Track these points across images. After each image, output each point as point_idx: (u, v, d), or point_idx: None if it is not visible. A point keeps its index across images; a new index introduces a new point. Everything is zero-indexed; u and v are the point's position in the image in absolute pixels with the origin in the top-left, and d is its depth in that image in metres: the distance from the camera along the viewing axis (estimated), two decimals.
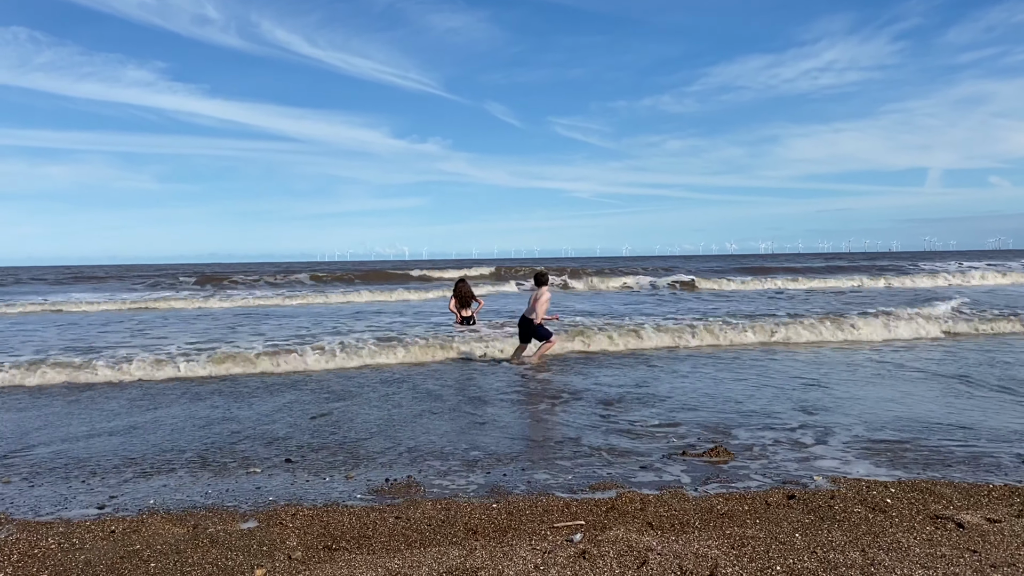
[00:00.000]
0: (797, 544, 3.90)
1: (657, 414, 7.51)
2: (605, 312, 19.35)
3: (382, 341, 12.89)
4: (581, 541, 4.02)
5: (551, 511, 4.57)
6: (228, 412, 8.00)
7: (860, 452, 5.87)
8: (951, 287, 31.92)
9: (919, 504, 4.55)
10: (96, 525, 4.47)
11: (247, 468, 5.73)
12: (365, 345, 12.39)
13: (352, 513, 4.61)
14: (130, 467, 5.83)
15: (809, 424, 6.91)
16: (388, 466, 5.73)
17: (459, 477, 5.41)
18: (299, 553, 3.99)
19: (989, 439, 6.22)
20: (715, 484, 5.07)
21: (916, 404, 7.76)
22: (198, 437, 6.84)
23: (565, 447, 6.21)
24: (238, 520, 4.54)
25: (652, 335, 13.69)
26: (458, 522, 4.43)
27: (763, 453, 5.89)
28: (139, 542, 4.19)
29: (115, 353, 11.96)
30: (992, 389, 8.56)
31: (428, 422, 7.30)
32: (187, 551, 4.03)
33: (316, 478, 5.45)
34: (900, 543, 3.90)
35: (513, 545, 4.00)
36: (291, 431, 7.02)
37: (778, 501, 4.66)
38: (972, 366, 10.38)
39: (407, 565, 3.76)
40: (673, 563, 3.67)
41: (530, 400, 8.42)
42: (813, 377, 9.63)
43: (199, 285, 40.24)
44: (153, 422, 7.54)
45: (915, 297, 23.72)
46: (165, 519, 4.57)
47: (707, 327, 14.20)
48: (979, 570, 3.52)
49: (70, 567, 3.84)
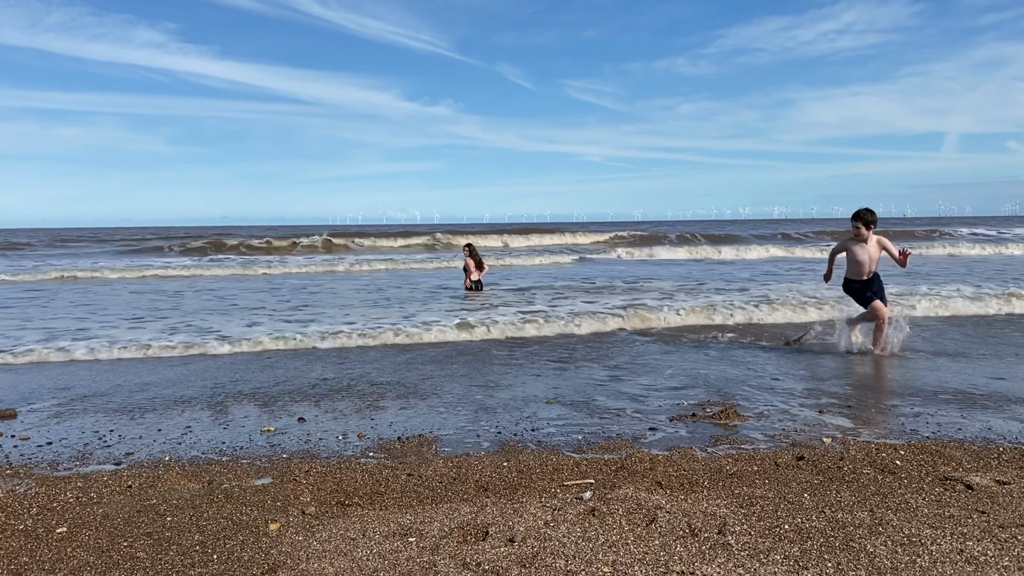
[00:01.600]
0: (806, 504, 3.93)
1: (668, 377, 7.53)
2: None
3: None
4: (591, 499, 4.07)
5: (561, 470, 4.62)
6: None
7: (871, 415, 5.88)
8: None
9: (928, 466, 4.56)
10: (113, 479, 4.55)
11: (262, 425, 5.80)
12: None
13: (365, 470, 4.66)
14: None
15: (820, 389, 6.91)
16: (398, 424, 5.79)
17: (470, 436, 5.45)
18: (312, 508, 4.05)
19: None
20: (724, 445, 5.09)
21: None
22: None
23: (574, 407, 6.25)
24: (252, 476, 4.61)
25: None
26: (469, 479, 4.48)
27: (774, 416, 5.90)
28: (155, 496, 4.27)
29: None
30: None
31: (441, 382, 7.35)
32: (202, 506, 4.10)
33: (329, 436, 5.51)
34: (908, 503, 3.92)
35: (524, 502, 4.05)
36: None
37: (787, 462, 4.68)
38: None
39: (419, 521, 3.81)
40: (682, 521, 3.70)
41: (539, 363, 8.45)
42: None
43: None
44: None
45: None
46: (181, 475, 4.65)
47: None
48: (987, 530, 3.54)
49: (88, 520, 3.92)
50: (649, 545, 3.43)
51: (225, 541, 3.62)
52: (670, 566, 3.21)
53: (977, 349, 8.81)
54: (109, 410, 6.41)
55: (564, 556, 3.33)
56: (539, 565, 3.25)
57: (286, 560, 3.38)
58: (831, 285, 9.63)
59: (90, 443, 5.42)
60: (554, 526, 3.68)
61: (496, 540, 3.53)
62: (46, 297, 16.73)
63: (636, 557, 3.31)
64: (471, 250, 16.53)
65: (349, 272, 24.80)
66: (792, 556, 3.30)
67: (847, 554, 3.31)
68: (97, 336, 10.37)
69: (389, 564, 3.30)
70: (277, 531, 3.74)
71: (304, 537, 3.65)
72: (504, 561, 3.29)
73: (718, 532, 3.56)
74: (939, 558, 3.25)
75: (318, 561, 3.36)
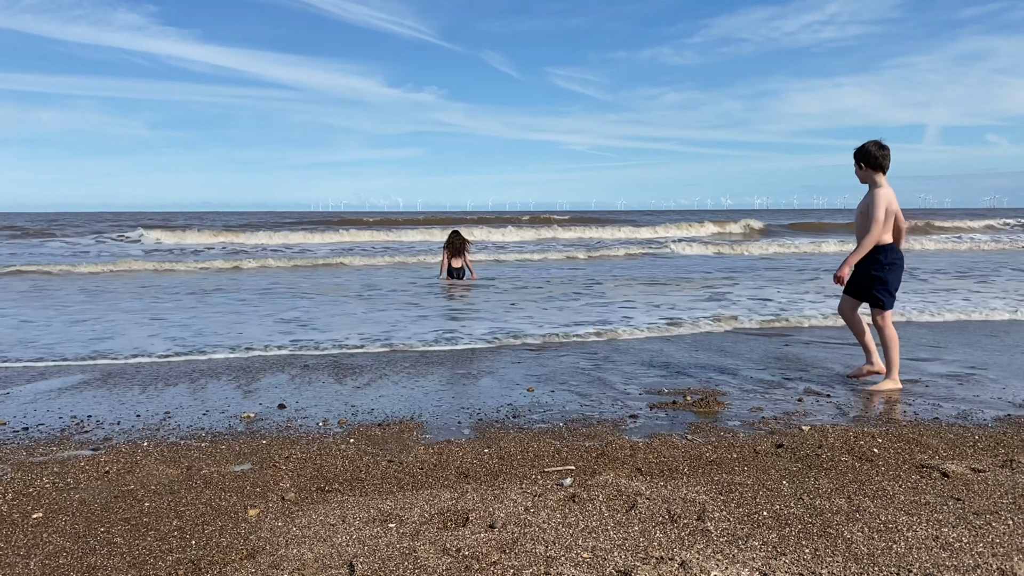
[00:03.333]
0: (784, 491, 3.96)
1: (647, 364, 7.56)
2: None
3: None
4: (571, 485, 4.08)
5: (542, 456, 4.63)
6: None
7: (847, 404, 5.93)
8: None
9: (905, 454, 4.61)
10: (90, 465, 4.51)
11: (242, 411, 5.77)
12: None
13: (345, 456, 4.65)
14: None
15: (800, 378, 6.96)
16: (380, 410, 5.78)
17: (452, 422, 5.45)
18: (292, 494, 4.04)
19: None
20: (704, 433, 5.12)
21: None
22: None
23: (555, 395, 6.26)
24: (231, 462, 4.59)
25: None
26: (450, 466, 4.48)
27: (754, 404, 5.94)
28: (133, 482, 4.24)
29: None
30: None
31: (423, 368, 7.34)
32: (181, 491, 4.08)
33: (309, 422, 5.49)
34: (885, 490, 3.96)
35: (504, 488, 4.05)
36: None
37: (766, 449, 4.71)
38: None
39: (399, 507, 3.80)
40: (661, 507, 3.72)
41: (516, 349, 8.45)
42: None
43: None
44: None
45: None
46: (159, 460, 4.62)
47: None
48: (962, 517, 3.58)
49: (64, 506, 3.88)
50: (628, 531, 3.45)
51: (204, 527, 3.60)
52: (649, 552, 3.23)
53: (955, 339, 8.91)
54: (87, 396, 6.35)
55: (544, 542, 3.34)
56: (519, 551, 3.26)
57: (265, 546, 3.37)
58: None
59: (67, 428, 5.37)
60: (534, 512, 3.68)
61: (476, 526, 3.53)
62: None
63: (615, 543, 3.32)
64: (449, 238, 15.69)
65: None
66: (770, 542, 3.32)
67: (824, 540, 3.33)
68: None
69: (369, 550, 3.30)
70: (256, 517, 3.72)
71: (283, 523, 3.63)
72: (484, 547, 3.29)
73: (697, 518, 3.58)
74: (915, 544, 3.28)
75: (297, 547, 3.35)
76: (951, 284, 15.37)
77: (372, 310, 11.90)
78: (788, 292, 14.15)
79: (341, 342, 8.84)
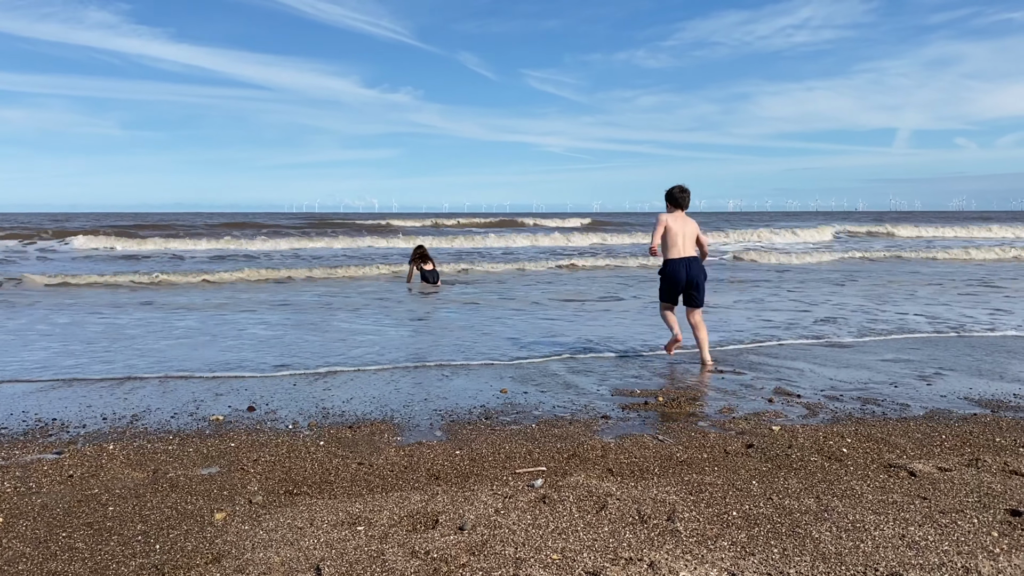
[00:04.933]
0: (754, 491, 3.97)
1: (620, 364, 7.56)
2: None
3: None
4: (542, 486, 4.06)
5: (513, 457, 4.61)
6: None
7: (822, 402, 5.97)
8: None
9: (873, 453, 4.64)
10: (53, 469, 4.43)
11: (210, 413, 5.69)
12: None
13: (315, 459, 4.61)
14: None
15: (772, 377, 7.00)
16: (353, 414, 5.73)
17: (423, 424, 5.42)
18: (260, 497, 3.99)
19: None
20: (675, 433, 5.13)
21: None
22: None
23: (528, 396, 6.24)
24: (199, 465, 4.53)
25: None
26: (421, 468, 4.45)
27: (725, 404, 5.96)
28: (97, 486, 4.16)
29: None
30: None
31: (397, 371, 7.30)
32: (146, 495, 4.01)
33: (279, 424, 5.43)
34: (854, 490, 3.98)
35: (475, 490, 4.03)
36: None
37: (736, 450, 4.73)
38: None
39: (368, 509, 3.77)
40: (631, 508, 3.72)
41: (486, 349, 8.43)
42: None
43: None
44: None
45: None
46: (125, 463, 4.54)
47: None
48: (928, 516, 3.61)
49: (26, 511, 3.81)
50: (598, 532, 3.44)
51: (169, 531, 3.54)
52: (619, 552, 3.22)
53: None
54: (52, 398, 6.24)
55: (513, 543, 3.32)
56: (488, 552, 3.24)
57: (231, 550, 3.32)
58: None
59: (30, 431, 5.27)
60: (504, 514, 3.67)
61: (446, 528, 3.51)
62: None
63: (585, 544, 3.31)
64: (416, 250, 16.74)
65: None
66: (739, 542, 3.33)
67: (793, 540, 3.35)
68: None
69: (336, 553, 3.26)
70: (223, 520, 3.67)
71: (250, 526, 3.59)
72: (453, 549, 3.27)
73: (667, 519, 3.58)
74: (882, 543, 3.30)
75: (263, 550, 3.30)
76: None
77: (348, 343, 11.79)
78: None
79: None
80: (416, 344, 8.89)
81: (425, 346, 8.72)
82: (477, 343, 8.87)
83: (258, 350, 8.40)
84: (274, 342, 8.95)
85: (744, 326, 10.15)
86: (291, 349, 8.48)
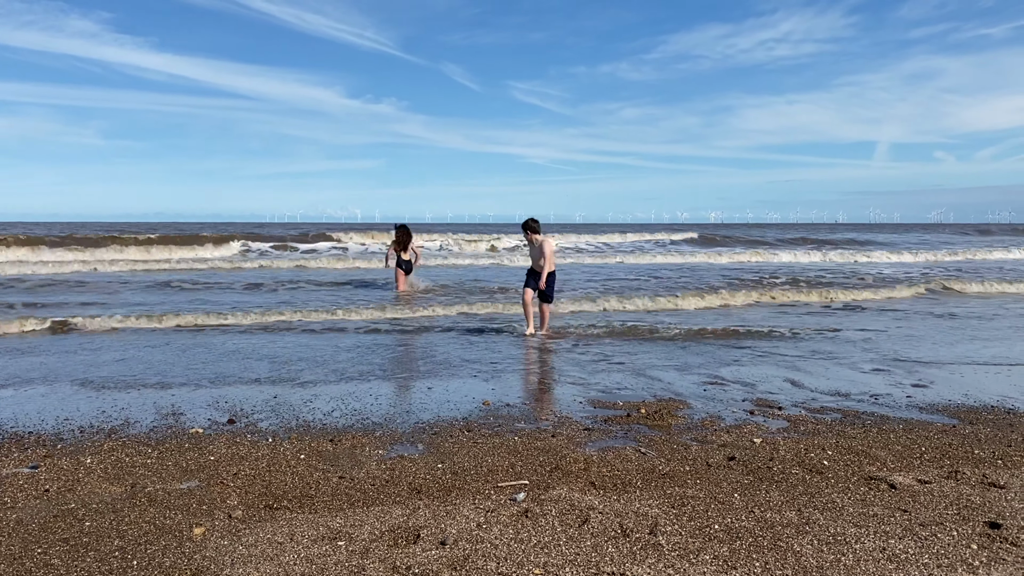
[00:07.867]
0: (736, 504, 3.98)
1: (603, 377, 7.56)
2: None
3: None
4: (524, 500, 4.05)
5: (496, 471, 4.59)
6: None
7: (801, 415, 5.99)
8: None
9: (854, 466, 4.66)
10: (29, 483, 4.36)
11: (189, 427, 5.63)
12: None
13: (295, 473, 4.57)
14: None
15: (756, 390, 7.02)
16: (332, 427, 5.68)
17: (405, 436, 5.38)
18: (239, 512, 3.95)
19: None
20: (657, 445, 5.13)
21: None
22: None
23: (511, 408, 6.22)
24: (178, 479, 4.47)
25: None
26: (402, 481, 4.42)
27: (707, 417, 5.96)
28: (74, 501, 4.10)
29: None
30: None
31: (378, 383, 7.26)
32: (124, 510, 3.96)
33: (259, 438, 5.38)
34: (835, 503, 4.00)
35: (457, 504, 4.01)
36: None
37: (719, 462, 4.73)
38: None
39: (349, 524, 3.74)
40: (614, 521, 3.71)
41: (471, 361, 8.40)
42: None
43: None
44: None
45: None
46: (102, 478, 4.48)
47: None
48: (909, 528, 3.63)
49: (0, 527, 3.74)
50: (581, 546, 3.43)
51: (146, 547, 3.50)
52: (601, 567, 3.21)
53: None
54: (27, 410, 6.15)
55: (495, 558, 3.31)
56: (470, 568, 3.22)
57: (209, 565, 3.28)
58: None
59: (5, 445, 5.19)
60: (487, 528, 3.65)
61: (427, 543, 3.48)
62: None
63: (567, 558, 3.30)
64: (397, 232, 16.21)
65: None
66: (721, 556, 3.33)
67: (775, 553, 3.35)
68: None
69: (317, 569, 3.23)
70: (201, 535, 3.63)
71: (229, 542, 3.54)
72: (435, 564, 3.25)
73: (649, 532, 3.58)
74: (863, 556, 3.31)
75: (243, 566, 3.27)
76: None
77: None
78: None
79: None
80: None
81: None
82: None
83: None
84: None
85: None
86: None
